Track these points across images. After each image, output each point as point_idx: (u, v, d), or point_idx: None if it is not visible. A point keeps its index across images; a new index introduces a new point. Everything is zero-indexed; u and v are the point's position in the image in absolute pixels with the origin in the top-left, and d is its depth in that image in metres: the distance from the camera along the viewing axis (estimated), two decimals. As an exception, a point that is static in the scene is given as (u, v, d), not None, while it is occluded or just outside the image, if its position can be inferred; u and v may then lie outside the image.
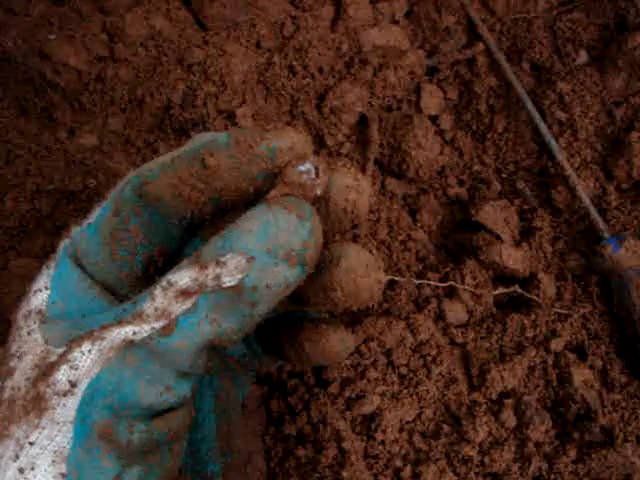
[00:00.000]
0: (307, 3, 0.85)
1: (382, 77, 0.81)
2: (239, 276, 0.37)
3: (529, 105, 0.81)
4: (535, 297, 0.71)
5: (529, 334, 0.70)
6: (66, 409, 0.38)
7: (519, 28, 0.86)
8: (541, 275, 0.73)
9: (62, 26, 0.79)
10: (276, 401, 0.64)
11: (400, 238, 0.75)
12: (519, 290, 0.70)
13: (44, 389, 0.39)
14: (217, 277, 0.38)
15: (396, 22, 0.85)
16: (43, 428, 0.39)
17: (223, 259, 0.37)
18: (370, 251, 0.45)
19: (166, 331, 0.38)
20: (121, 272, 0.45)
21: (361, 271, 0.43)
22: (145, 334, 0.38)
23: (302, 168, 0.41)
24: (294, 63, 0.80)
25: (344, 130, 0.78)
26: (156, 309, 0.39)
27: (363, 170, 0.77)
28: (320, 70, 0.81)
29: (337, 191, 0.43)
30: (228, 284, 0.37)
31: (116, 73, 0.77)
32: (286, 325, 0.50)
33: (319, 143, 0.78)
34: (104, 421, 0.38)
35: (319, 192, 0.41)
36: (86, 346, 0.39)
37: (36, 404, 0.39)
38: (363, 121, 0.79)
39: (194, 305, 0.38)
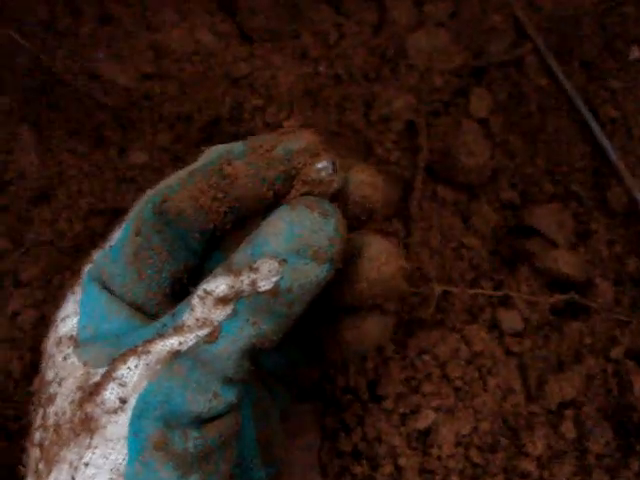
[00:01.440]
0: (350, 9, 0.84)
1: (429, 81, 0.80)
2: (274, 279, 0.38)
3: (580, 104, 0.80)
4: (592, 303, 0.70)
5: (587, 342, 0.69)
6: (118, 426, 0.39)
7: (567, 25, 0.84)
8: (598, 280, 0.71)
9: (110, 44, 0.80)
10: (331, 417, 0.64)
11: (452, 245, 0.74)
12: (576, 297, 0.69)
13: (92, 409, 0.40)
14: (253, 282, 0.38)
15: (441, 24, 0.84)
16: (96, 448, 0.39)
17: (255, 265, 0.38)
18: (390, 240, 0.47)
19: (211, 338, 0.39)
20: (149, 291, 0.46)
21: (384, 258, 0.45)
22: (191, 343, 0.39)
23: (319, 165, 0.42)
24: (340, 71, 0.80)
25: (392, 137, 0.78)
26: (197, 319, 0.40)
27: (413, 178, 0.76)
28: (366, 77, 0.80)
29: (354, 188, 0.44)
30: (264, 288, 0.38)
31: (163, 89, 0.78)
32: (327, 321, 0.50)
33: (367, 152, 0.77)
34: (158, 432, 0.38)
35: (337, 186, 0.42)
36: (132, 362, 0.40)
37: (85, 425, 0.40)
38: (411, 128, 0.79)
39: (234, 311, 0.39)
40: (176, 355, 0.39)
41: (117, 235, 0.46)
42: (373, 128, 0.78)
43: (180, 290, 0.46)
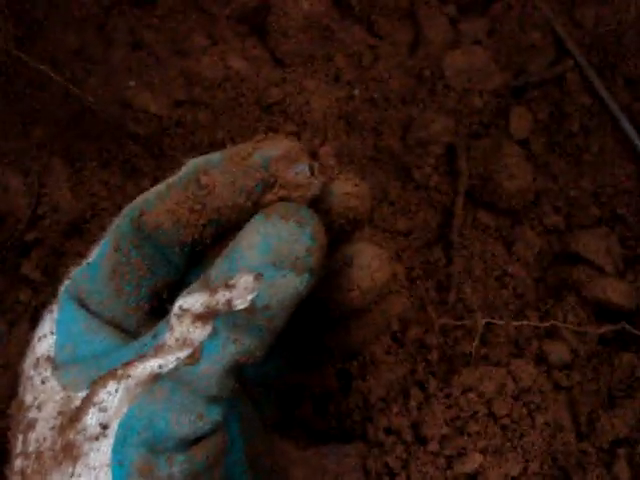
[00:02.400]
0: (384, 29, 0.83)
1: (467, 102, 0.78)
2: (249, 297, 0.36)
3: (625, 123, 0.77)
4: (644, 333, 0.67)
5: (639, 374, 0.66)
6: (100, 453, 0.38)
7: (609, 41, 0.82)
8: (649, 309, 0.69)
9: (140, 72, 0.79)
10: (374, 460, 0.63)
11: (496, 274, 0.72)
12: (626, 326, 0.67)
13: (74, 436, 0.38)
14: (228, 301, 0.37)
15: (479, 42, 0.82)
16: (79, 476, 0.38)
17: (232, 281, 0.37)
18: (380, 245, 0.47)
19: (193, 359, 0.37)
20: (128, 308, 0.44)
21: (375, 265, 0.45)
22: (172, 365, 0.38)
23: (297, 168, 0.40)
24: (375, 94, 0.78)
25: (431, 162, 0.76)
26: (177, 339, 0.38)
27: (453, 203, 0.74)
28: (403, 100, 0.79)
29: (337, 199, 0.43)
30: (241, 306, 0.37)
31: (195, 117, 0.77)
32: (323, 328, 0.50)
33: (405, 177, 0.76)
34: (143, 458, 0.37)
35: (316, 191, 0.40)
36: (112, 385, 0.38)
37: (67, 452, 0.38)
38: (450, 151, 0.77)
39: (214, 329, 0.37)
40: (157, 378, 0.38)
41: (95, 251, 0.44)
42: (411, 152, 0.76)
43: (159, 306, 0.45)
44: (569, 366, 0.67)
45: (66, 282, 0.45)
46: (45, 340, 0.44)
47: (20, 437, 0.42)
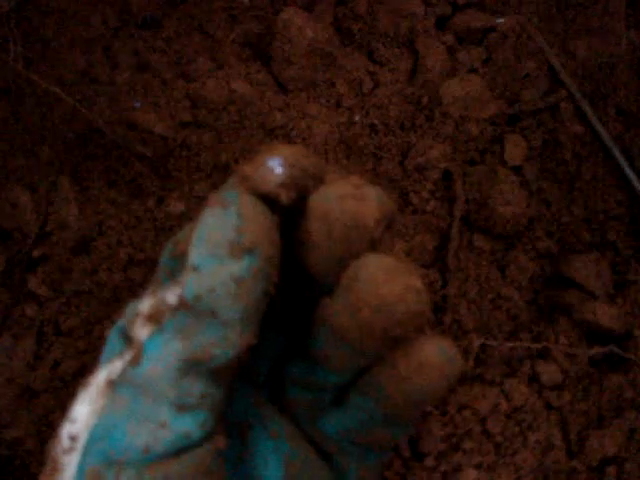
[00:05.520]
0: (385, 57, 0.85)
1: (464, 130, 0.80)
2: (177, 291, 0.35)
3: (616, 152, 0.80)
4: (632, 356, 0.69)
5: (628, 395, 0.68)
6: (71, 467, 0.37)
7: (602, 72, 0.84)
8: (637, 332, 0.71)
9: (146, 93, 0.81)
10: (373, 475, 0.64)
11: (490, 296, 0.74)
12: (615, 349, 0.69)
13: (55, 450, 0.38)
14: (163, 298, 0.36)
15: (474, 70, 0.85)
16: None
17: (179, 279, 0.36)
18: (397, 257, 0.38)
19: (134, 360, 0.35)
20: None
21: (382, 277, 0.36)
22: (118, 369, 0.37)
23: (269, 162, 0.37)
24: (375, 121, 0.80)
25: (428, 187, 0.78)
26: (131, 342, 0.37)
27: (450, 228, 0.76)
28: (401, 126, 0.81)
29: (331, 204, 0.38)
30: (172, 301, 0.35)
31: (200, 139, 0.79)
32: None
33: (403, 201, 0.78)
34: (92, 469, 0.35)
35: (273, 184, 0.36)
36: (81, 397, 0.38)
37: (53, 468, 0.38)
38: (447, 177, 0.79)
39: (160, 328, 0.36)
40: (111, 384, 0.37)
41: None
42: (409, 177, 0.78)
43: None
44: (560, 386, 0.69)
45: (121, 320, 0.43)
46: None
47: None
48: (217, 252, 0.34)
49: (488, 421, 0.66)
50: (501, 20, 0.86)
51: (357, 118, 0.80)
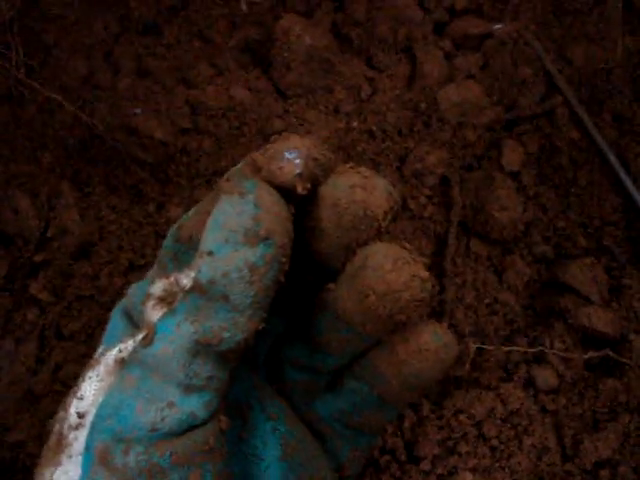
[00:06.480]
0: (383, 63, 0.85)
1: (462, 136, 0.81)
2: (192, 274, 0.36)
3: (612, 157, 0.80)
4: (627, 360, 0.70)
5: (622, 399, 0.69)
6: (79, 442, 0.38)
7: (598, 78, 0.85)
8: (632, 336, 0.72)
9: (147, 99, 0.81)
10: (369, 478, 0.65)
11: (487, 301, 0.75)
12: (610, 353, 0.69)
13: (62, 426, 0.39)
14: (176, 281, 0.38)
15: (472, 76, 0.85)
16: (61, 465, 0.38)
17: (193, 264, 0.37)
18: (403, 246, 0.41)
19: (146, 340, 0.36)
20: None
21: (389, 265, 0.39)
22: (130, 348, 0.38)
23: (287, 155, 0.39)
24: (373, 127, 0.81)
25: (426, 192, 0.79)
26: (143, 322, 0.38)
27: (447, 233, 0.77)
28: (399, 132, 0.81)
29: (341, 194, 0.40)
30: (186, 285, 0.37)
31: (200, 145, 0.79)
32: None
33: (401, 206, 0.78)
34: (102, 445, 0.36)
35: (291, 175, 0.38)
36: (89, 375, 0.39)
37: (59, 444, 0.39)
38: (444, 182, 0.80)
39: (172, 310, 0.37)
40: (121, 363, 0.38)
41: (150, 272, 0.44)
42: (407, 183, 0.79)
43: None
44: (555, 390, 0.70)
45: (123, 300, 0.44)
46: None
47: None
48: (233, 238, 0.35)
49: (484, 425, 0.66)
50: (498, 26, 0.86)
51: (355, 124, 0.81)
